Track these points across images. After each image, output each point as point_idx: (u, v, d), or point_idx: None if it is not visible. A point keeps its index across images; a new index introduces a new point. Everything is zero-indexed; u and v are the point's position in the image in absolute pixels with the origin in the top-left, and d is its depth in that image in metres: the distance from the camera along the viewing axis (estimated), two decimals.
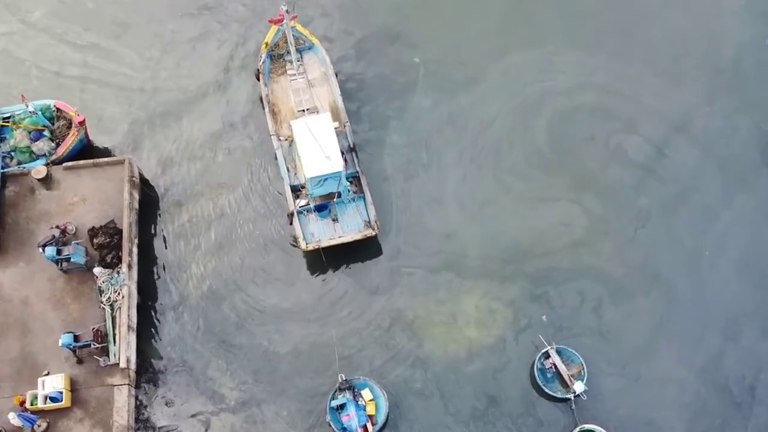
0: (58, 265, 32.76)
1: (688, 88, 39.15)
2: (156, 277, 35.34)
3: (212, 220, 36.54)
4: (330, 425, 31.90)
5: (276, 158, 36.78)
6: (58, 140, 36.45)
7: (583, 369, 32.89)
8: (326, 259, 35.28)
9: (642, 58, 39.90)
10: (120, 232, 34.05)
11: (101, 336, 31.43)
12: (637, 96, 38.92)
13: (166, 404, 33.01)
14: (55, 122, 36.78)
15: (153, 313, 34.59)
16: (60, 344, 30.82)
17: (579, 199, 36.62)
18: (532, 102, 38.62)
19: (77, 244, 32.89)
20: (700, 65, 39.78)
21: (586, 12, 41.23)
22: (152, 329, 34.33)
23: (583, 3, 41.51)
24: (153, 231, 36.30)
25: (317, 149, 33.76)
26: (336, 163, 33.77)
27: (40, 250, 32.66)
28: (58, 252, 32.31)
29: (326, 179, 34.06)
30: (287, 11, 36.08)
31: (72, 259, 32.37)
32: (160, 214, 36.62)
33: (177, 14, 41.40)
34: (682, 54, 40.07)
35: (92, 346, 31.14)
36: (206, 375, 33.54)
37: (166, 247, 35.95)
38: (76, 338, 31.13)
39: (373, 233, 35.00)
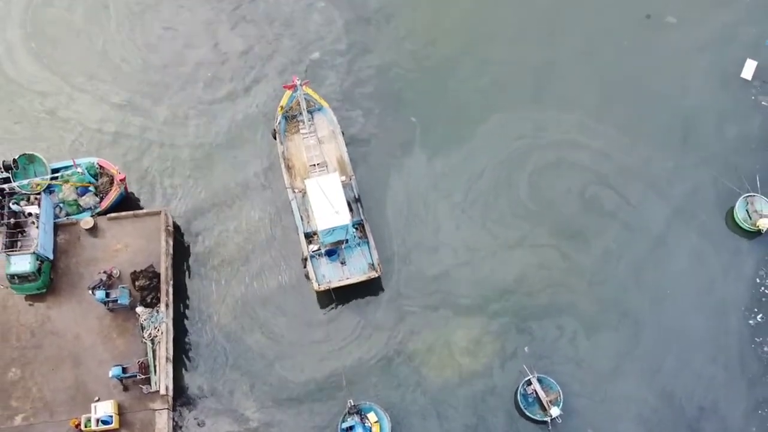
0: (105, 305, 37.98)
1: (653, 145, 44.36)
2: (189, 314, 40.56)
3: (236, 263, 41.72)
4: None
5: (291, 208, 42.01)
6: (101, 194, 41.72)
7: (560, 396, 38.00)
8: (336, 298, 40.51)
9: (614, 117, 45.10)
10: (158, 275, 39.26)
11: (144, 367, 36.59)
12: (609, 152, 44.18)
13: (199, 425, 38.16)
14: (98, 178, 42.06)
15: (186, 346, 39.81)
16: (110, 375, 36.04)
17: (557, 245, 41.84)
18: (515, 157, 43.91)
19: (122, 287, 38.12)
20: (665, 125, 44.96)
21: (565, 76, 46.41)
22: (186, 360, 39.55)
23: (562, 67, 46.65)
24: (186, 273, 41.52)
25: (327, 205, 38.96)
26: (344, 217, 38.94)
27: (90, 292, 37.92)
28: (107, 294, 37.56)
29: (335, 230, 39.26)
30: (299, 79, 41.67)
31: (119, 301, 37.63)
32: (191, 259, 41.84)
33: (207, 76, 46.62)
34: (650, 114, 45.28)
35: (137, 376, 36.31)
36: (232, 399, 38.73)
37: (197, 288, 41.13)
38: (124, 370, 36.33)
39: (377, 275, 40.15)
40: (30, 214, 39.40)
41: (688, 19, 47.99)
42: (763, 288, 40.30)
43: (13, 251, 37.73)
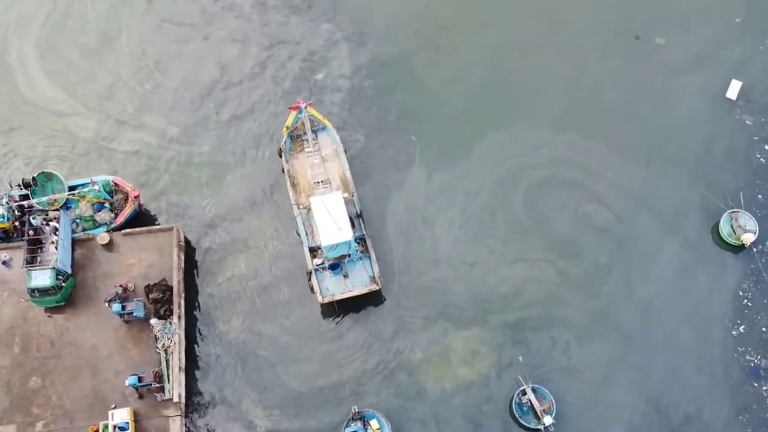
0: (121, 317, 40.03)
1: (643, 162, 46.39)
2: (200, 325, 42.63)
3: (245, 276, 43.73)
4: None
5: (296, 223, 44.03)
6: (116, 210, 43.85)
7: (553, 405, 39.96)
8: (339, 310, 42.54)
9: (605, 136, 47.17)
10: (171, 288, 41.31)
11: (158, 376, 38.61)
12: (600, 169, 46.22)
13: (209, 431, 40.12)
14: (113, 195, 44.17)
15: (198, 356, 41.89)
16: (126, 384, 38.11)
17: (551, 260, 43.86)
18: (510, 175, 45.96)
19: (138, 300, 40.16)
20: (654, 143, 46.98)
21: (558, 96, 48.50)
22: (198, 369, 41.61)
23: (555, 88, 48.70)
24: (197, 286, 43.58)
25: (331, 222, 41.04)
26: (346, 233, 41.00)
27: (107, 305, 39.96)
28: (123, 307, 39.63)
29: (338, 245, 41.29)
30: (304, 100, 43.78)
31: (134, 313, 39.69)
32: (202, 272, 43.90)
33: (217, 97, 48.61)
34: (639, 133, 47.34)
35: (152, 385, 38.33)
36: (241, 406, 40.76)
37: (207, 300, 43.17)
38: (139, 379, 38.37)
39: (378, 288, 42.16)
40: (49, 225, 41.30)
41: (676, 40, 50.15)
42: (745, 300, 42.32)
43: (33, 266, 39.81)
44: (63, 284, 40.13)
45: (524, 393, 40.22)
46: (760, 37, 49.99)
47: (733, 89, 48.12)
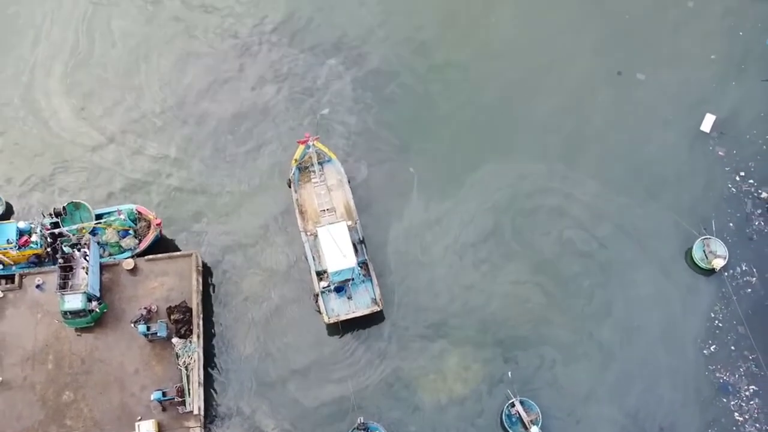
0: (146, 337, 43.88)
1: (623, 191, 50.24)
2: (217, 343, 46.56)
3: (258, 298, 47.66)
4: None
5: (304, 249, 47.84)
6: (140, 237, 47.77)
7: (539, 416, 43.71)
8: (343, 329, 46.39)
9: (588, 166, 51.05)
10: (190, 310, 45.17)
11: (180, 391, 42.44)
12: (583, 198, 50.10)
13: None
14: (137, 223, 48.10)
15: (216, 372, 45.80)
16: (152, 398, 41.99)
17: (538, 283, 47.70)
18: (501, 204, 49.88)
19: (161, 321, 44.06)
20: (633, 173, 50.87)
21: (544, 128, 52.38)
22: (215, 384, 45.52)
23: (542, 121, 52.56)
24: (214, 307, 47.51)
25: (337, 250, 44.94)
26: (350, 260, 44.88)
27: (133, 326, 43.86)
28: (148, 328, 43.51)
29: (343, 271, 45.20)
30: (311, 135, 47.70)
31: (158, 333, 43.56)
32: (219, 294, 47.84)
33: (233, 131, 52.58)
34: (620, 163, 51.23)
35: (175, 399, 42.16)
36: (254, 418, 44.62)
37: (224, 320, 47.08)
38: (164, 394, 42.20)
39: (378, 309, 46.00)
40: (79, 251, 45.10)
41: (656, 75, 54.04)
42: (716, 321, 46.12)
43: (66, 291, 43.67)
44: (96, 309, 43.99)
45: (513, 405, 43.95)
46: (734, 73, 53.87)
47: (707, 122, 51.95)
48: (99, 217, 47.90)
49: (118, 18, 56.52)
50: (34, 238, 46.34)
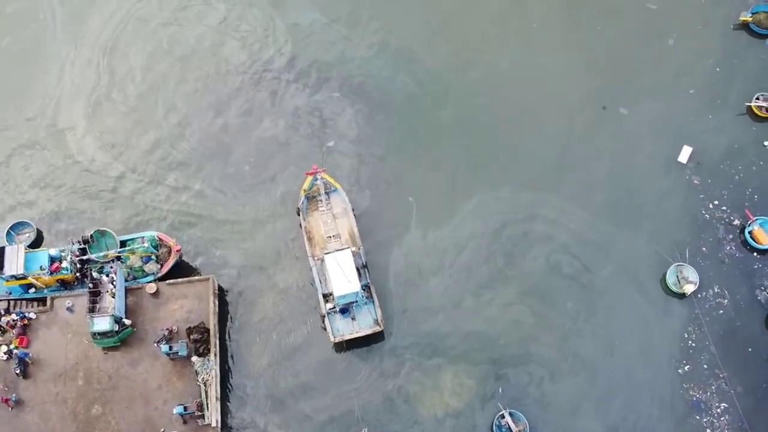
0: (168, 355, 47.98)
1: (605, 218, 54.24)
2: (233, 361, 50.79)
3: (270, 319, 51.84)
4: None
5: (312, 273, 51.92)
6: (161, 262, 51.88)
7: (527, 427, 47.82)
8: (348, 348, 50.54)
9: (574, 195, 54.96)
10: (208, 330, 49.31)
11: (200, 405, 46.60)
12: (569, 225, 54.10)
13: None
14: (158, 249, 52.20)
15: (231, 388, 50.05)
16: (174, 412, 46.18)
17: (528, 304, 51.80)
18: (493, 231, 53.93)
19: (182, 341, 48.20)
20: (615, 201, 54.85)
21: (534, 160, 56.28)
22: (231, 399, 49.73)
23: (531, 153, 56.42)
24: (230, 328, 51.74)
25: (342, 275, 49.06)
26: (354, 285, 48.96)
27: (156, 345, 48.01)
28: (170, 348, 47.62)
29: (348, 295, 49.30)
30: (318, 167, 51.81)
31: (179, 352, 47.69)
32: (234, 316, 52.09)
33: (248, 162, 56.64)
34: (603, 192, 55.20)
35: (195, 413, 46.28)
36: (267, 430, 48.73)
37: (238, 340, 51.31)
38: (185, 408, 46.35)
39: (380, 329, 50.12)
40: (107, 276, 49.32)
41: (638, 110, 57.71)
42: (690, 342, 50.16)
43: (95, 314, 47.77)
44: (128, 326, 48.24)
45: (503, 416, 48.02)
46: (710, 106, 57.69)
47: (685, 154, 55.81)
48: (123, 243, 52.03)
49: (135, 55, 60.38)
50: (64, 264, 50.46)
